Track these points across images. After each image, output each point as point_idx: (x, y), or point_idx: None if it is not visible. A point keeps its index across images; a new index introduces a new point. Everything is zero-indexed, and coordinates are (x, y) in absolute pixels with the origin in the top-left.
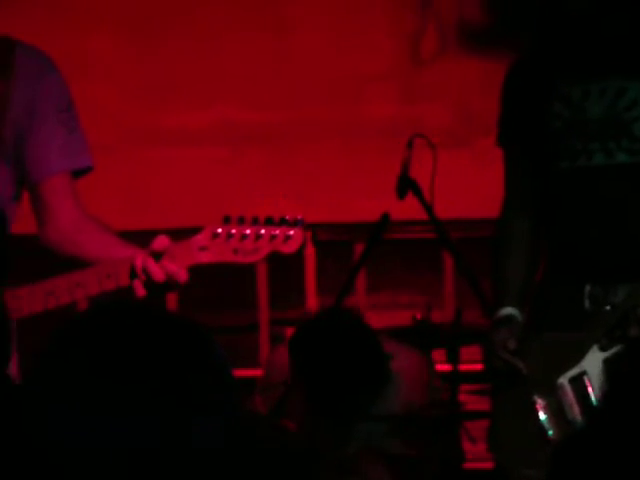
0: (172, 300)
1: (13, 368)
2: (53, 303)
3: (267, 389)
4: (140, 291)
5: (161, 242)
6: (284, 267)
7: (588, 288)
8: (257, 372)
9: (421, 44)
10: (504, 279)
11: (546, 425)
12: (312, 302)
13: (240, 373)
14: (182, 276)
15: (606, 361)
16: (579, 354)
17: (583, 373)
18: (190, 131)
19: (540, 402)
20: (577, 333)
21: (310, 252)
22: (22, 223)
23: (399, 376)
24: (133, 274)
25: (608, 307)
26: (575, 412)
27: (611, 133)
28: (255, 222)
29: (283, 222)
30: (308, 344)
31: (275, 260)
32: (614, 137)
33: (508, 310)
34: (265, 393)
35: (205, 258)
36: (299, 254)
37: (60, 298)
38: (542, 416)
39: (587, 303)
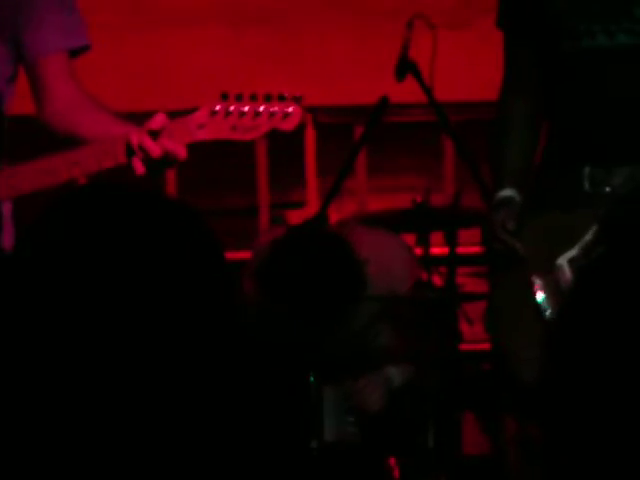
0: (171, 181)
1: (8, 243)
2: (51, 181)
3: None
4: (139, 169)
5: (158, 120)
6: (284, 149)
7: (587, 169)
8: None
9: None
10: (503, 161)
11: (544, 305)
12: (312, 184)
13: (240, 255)
14: (180, 153)
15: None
16: (578, 235)
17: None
18: (190, 10)
19: (538, 282)
20: (576, 214)
21: (310, 134)
22: (21, 103)
23: (377, 267)
24: (130, 151)
25: (608, 189)
26: None
27: (612, 13)
28: (253, 99)
29: (282, 99)
30: (277, 268)
31: (275, 142)
32: (615, 18)
33: (507, 192)
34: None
35: (203, 135)
36: (299, 135)
37: (58, 176)
38: (540, 296)
39: (586, 185)
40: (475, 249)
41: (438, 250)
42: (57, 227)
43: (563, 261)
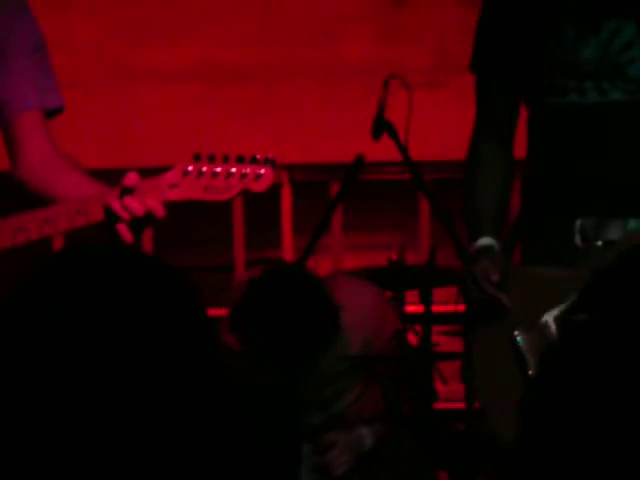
0: (147, 239)
1: None
2: (22, 239)
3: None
4: (126, 234)
5: (131, 178)
6: (260, 207)
7: (579, 222)
8: None
9: None
10: (478, 208)
11: (526, 361)
12: (288, 242)
13: (217, 312)
14: (159, 211)
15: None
16: (567, 291)
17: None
18: (166, 69)
19: (521, 337)
20: (565, 269)
21: (286, 193)
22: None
23: (352, 318)
24: (110, 214)
25: (599, 243)
26: None
27: (605, 73)
28: (226, 160)
29: (254, 161)
30: (252, 307)
31: (251, 200)
32: (608, 77)
33: (486, 240)
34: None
35: (175, 195)
36: (275, 193)
37: (29, 234)
38: (523, 351)
39: (578, 238)
40: (450, 307)
41: (413, 308)
42: (40, 293)
43: (549, 318)
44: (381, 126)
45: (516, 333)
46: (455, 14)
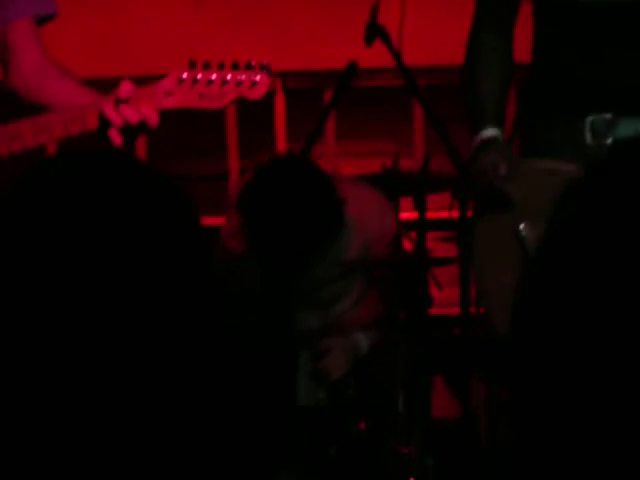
0: (141, 148)
1: None
2: (18, 146)
3: (232, 235)
4: (116, 139)
5: (126, 88)
6: (254, 115)
7: (590, 119)
8: None
9: None
10: (480, 99)
11: (531, 252)
12: (282, 149)
13: (211, 221)
14: (153, 119)
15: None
16: None
17: None
18: None
19: (526, 229)
20: (576, 165)
21: (280, 100)
22: None
23: (355, 219)
24: (104, 121)
25: (609, 140)
26: None
27: None
28: (221, 67)
29: (249, 67)
30: (257, 195)
31: (244, 108)
32: None
33: (491, 131)
34: (232, 238)
35: (170, 103)
36: (268, 101)
37: (25, 141)
38: (527, 243)
39: (588, 136)
40: (444, 214)
41: (407, 215)
42: (32, 200)
43: None
44: (374, 31)
45: (521, 227)
46: None
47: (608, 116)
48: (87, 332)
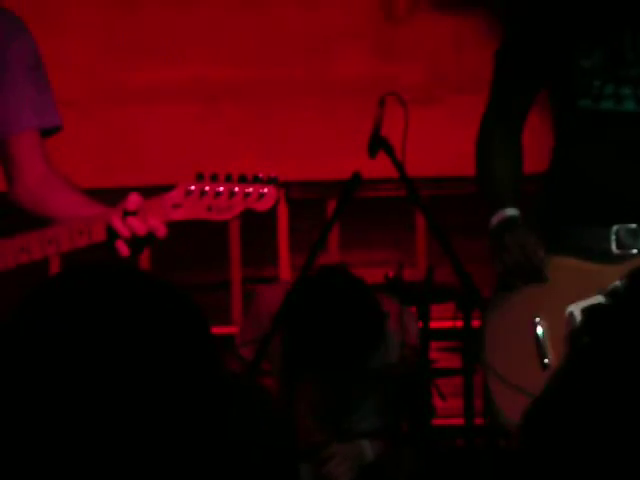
0: (144, 258)
1: None
2: (25, 259)
3: (246, 344)
4: (123, 250)
5: (134, 200)
6: (256, 225)
7: (615, 229)
8: (230, 329)
9: (393, 1)
10: (496, 180)
11: (544, 349)
12: (284, 260)
13: (214, 330)
14: (161, 230)
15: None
16: (598, 285)
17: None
18: (162, 88)
19: (543, 324)
20: (599, 265)
21: (282, 210)
22: None
23: (392, 329)
24: (111, 232)
25: (635, 251)
26: None
27: None
28: (228, 180)
29: (256, 180)
30: (305, 305)
31: (247, 218)
32: None
33: (511, 210)
34: (245, 347)
35: (178, 215)
36: (271, 212)
37: (32, 254)
38: (541, 339)
39: (614, 246)
40: (448, 324)
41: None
42: (44, 314)
43: (576, 309)
44: (377, 143)
45: (537, 320)
46: (450, 27)
47: (633, 226)
48: (102, 450)
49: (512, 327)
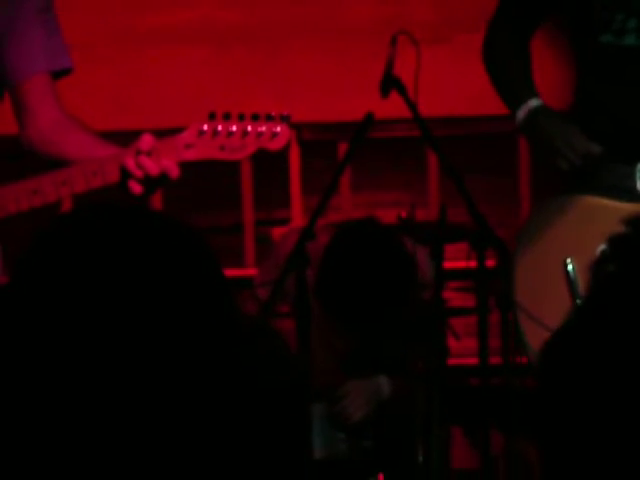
0: (156, 200)
1: None
2: (39, 201)
3: (264, 285)
4: (137, 188)
5: (147, 140)
6: (268, 167)
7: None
8: (242, 272)
9: None
10: (511, 77)
11: (576, 289)
12: (297, 201)
13: (226, 273)
14: (174, 171)
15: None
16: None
17: None
18: (172, 30)
19: (574, 264)
20: (626, 203)
21: (295, 152)
22: (5, 124)
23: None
24: (125, 173)
25: None
26: None
27: None
28: (241, 119)
29: (269, 118)
30: (341, 257)
31: (259, 159)
32: None
33: (535, 101)
34: (263, 288)
35: (191, 155)
36: (284, 153)
37: (46, 196)
38: (573, 279)
39: (639, 183)
40: (462, 264)
41: None
42: (57, 251)
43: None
44: (390, 83)
45: (568, 260)
46: None
47: None
48: (109, 382)
49: (543, 267)
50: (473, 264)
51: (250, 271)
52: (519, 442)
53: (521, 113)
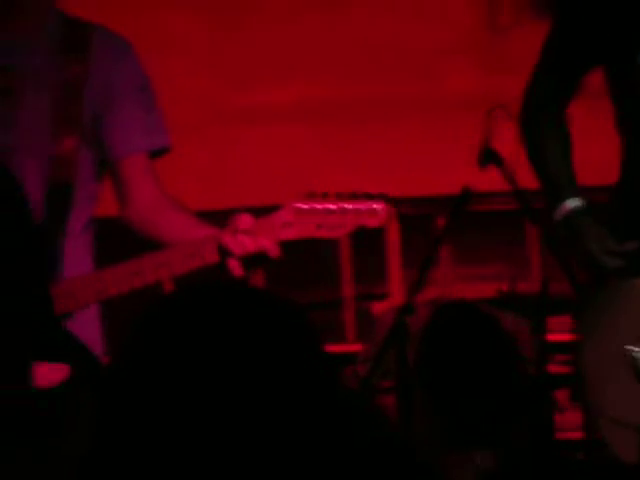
0: (259, 279)
1: (99, 348)
2: (139, 283)
3: (365, 361)
4: (237, 270)
5: (245, 220)
6: (367, 242)
7: None
8: (343, 348)
9: (497, 12)
10: (553, 170)
11: None
12: (395, 275)
13: (327, 349)
14: (274, 250)
15: None
16: None
17: None
18: (268, 109)
19: (635, 351)
20: None
21: (393, 226)
22: (107, 205)
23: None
24: (224, 253)
25: None
26: None
27: None
28: (339, 197)
29: (368, 196)
30: (440, 335)
31: (357, 235)
32: None
33: (576, 201)
34: (364, 365)
35: (289, 234)
36: (382, 228)
37: (146, 277)
38: (639, 367)
39: None
40: (566, 337)
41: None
42: (160, 333)
43: None
44: (487, 155)
45: (629, 348)
46: None
47: None
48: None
49: (607, 361)
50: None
51: (351, 347)
52: None
53: (558, 214)
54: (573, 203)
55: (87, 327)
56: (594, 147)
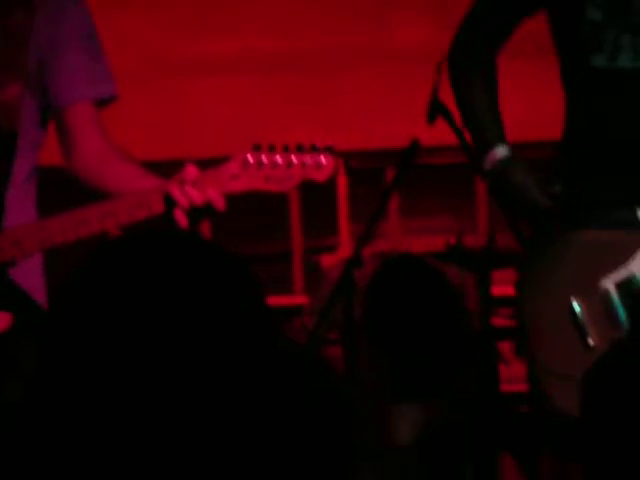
0: (205, 230)
1: (42, 297)
2: (85, 232)
3: (310, 313)
4: (182, 220)
5: (191, 171)
6: (316, 195)
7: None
8: (291, 300)
9: None
10: (483, 115)
11: (585, 330)
12: (344, 228)
13: (274, 300)
14: (220, 202)
15: None
16: (627, 255)
17: (632, 277)
18: (217, 60)
19: (579, 304)
20: (625, 233)
21: (342, 179)
22: (51, 154)
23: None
24: (170, 203)
25: None
26: (622, 318)
27: None
28: (286, 150)
29: (314, 149)
30: (386, 289)
31: (306, 188)
32: None
33: (504, 150)
34: (309, 317)
35: (236, 186)
36: (331, 181)
37: (92, 227)
38: (580, 320)
39: (639, 212)
40: (511, 290)
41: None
42: (100, 278)
43: (609, 284)
44: (436, 109)
45: (573, 300)
46: None
47: None
48: (150, 414)
49: (549, 314)
50: None
51: (299, 299)
52: (570, 467)
53: (487, 164)
54: (502, 152)
55: (30, 276)
56: (541, 103)
